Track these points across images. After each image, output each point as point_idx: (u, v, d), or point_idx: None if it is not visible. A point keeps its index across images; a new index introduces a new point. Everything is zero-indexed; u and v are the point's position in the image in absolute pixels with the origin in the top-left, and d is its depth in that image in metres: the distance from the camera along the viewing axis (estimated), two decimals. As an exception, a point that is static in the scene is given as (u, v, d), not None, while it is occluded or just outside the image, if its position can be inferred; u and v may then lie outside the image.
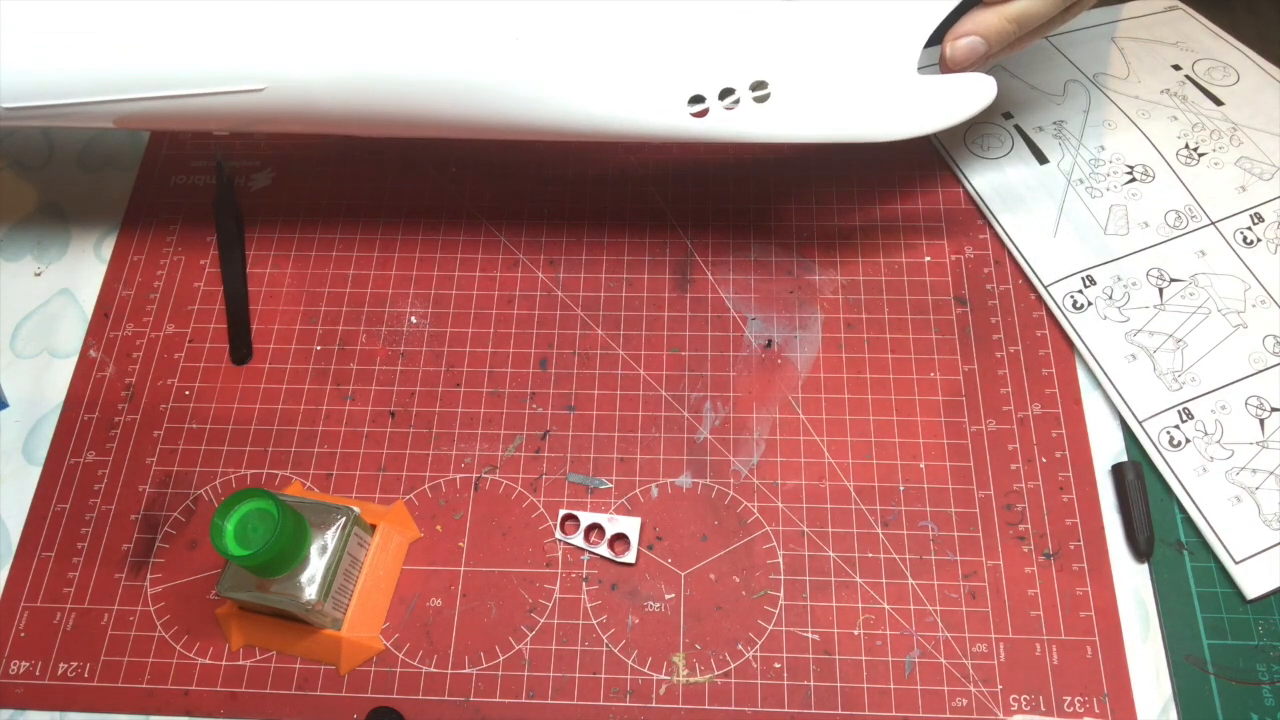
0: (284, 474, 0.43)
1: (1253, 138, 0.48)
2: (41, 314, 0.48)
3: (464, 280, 0.47)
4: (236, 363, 0.45)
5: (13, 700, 0.39)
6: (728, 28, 0.37)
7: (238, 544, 0.34)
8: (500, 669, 0.39)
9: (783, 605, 0.39)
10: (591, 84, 0.37)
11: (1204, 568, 0.39)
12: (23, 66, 0.37)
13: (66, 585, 0.41)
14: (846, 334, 0.45)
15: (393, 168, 0.51)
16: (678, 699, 0.38)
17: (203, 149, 0.52)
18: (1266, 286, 0.44)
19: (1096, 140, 0.48)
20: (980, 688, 0.37)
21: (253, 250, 0.49)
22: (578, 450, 0.43)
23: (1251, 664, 0.37)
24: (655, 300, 0.46)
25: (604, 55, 0.37)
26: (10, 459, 0.44)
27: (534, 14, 0.37)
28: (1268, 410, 0.41)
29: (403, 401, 0.44)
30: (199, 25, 0.37)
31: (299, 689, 0.39)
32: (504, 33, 0.37)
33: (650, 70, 0.37)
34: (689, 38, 0.37)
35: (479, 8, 0.37)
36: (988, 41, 0.38)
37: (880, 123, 0.38)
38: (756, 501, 0.41)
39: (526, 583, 0.40)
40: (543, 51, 0.37)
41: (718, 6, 0.37)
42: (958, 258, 0.46)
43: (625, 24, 0.37)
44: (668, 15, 0.37)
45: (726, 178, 0.50)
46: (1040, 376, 0.43)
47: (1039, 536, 0.40)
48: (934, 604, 0.39)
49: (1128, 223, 0.46)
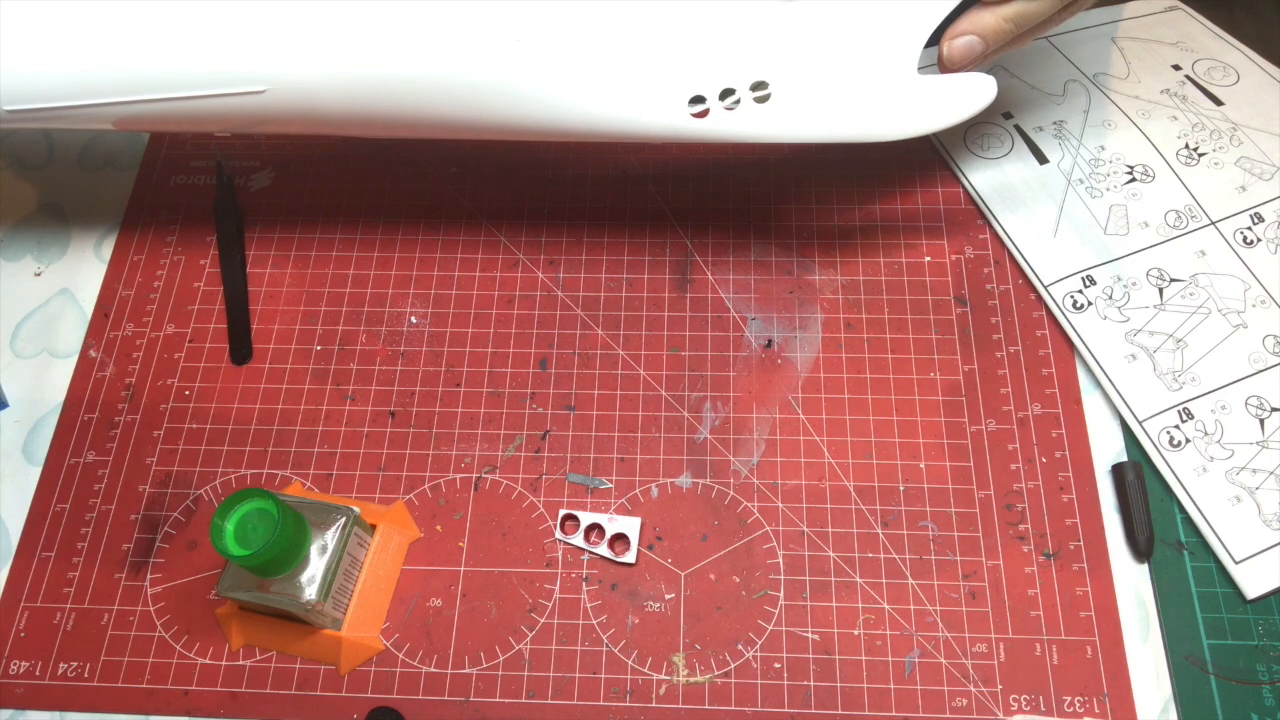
0: (284, 474, 0.43)
1: (1253, 138, 0.48)
2: (41, 314, 0.48)
3: (464, 280, 0.47)
4: (236, 363, 0.45)
5: (13, 700, 0.39)
6: (728, 28, 0.37)
7: (238, 544, 0.34)
8: (500, 669, 0.39)
9: (783, 605, 0.39)
10: (592, 84, 0.37)
11: (1204, 568, 0.39)
12: (24, 69, 0.37)
13: (66, 585, 0.41)
14: (846, 334, 0.45)
15: (393, 168, 0.51)
16: (678, 699, 0.38)
17: (203, 149, 0.52)
18: (1266, 286, 0.44)
19: (1096, 140, 0.48)
20: (980, 688, 0.37)
21: (253, 250, 0.49)
22: (578, 450, 0.43)
23: (1251, 664, 0.37)
24: (655, 300, 0.46)
25: (605, 56, 0.37)
26: (10, 459, 0.44)
27: (535, 15, 0.37)
28: (1268, 410, 0.41)
29: (403, 401, 0.44)
30: (200, 27, 0.37)
31: (299, 689, 0.39)
32: (505, 34, 0.37)
33: (651, 71, 0.37)
34: (689, 38, 0.37)
35: (480, 9, 0.37)
36: (985, 41, 0.38)
37: (881, 123, 0.38)
38: (756, 501, 0.41)
39: (526, 583, 0.40)
40: (543, 52, 0.37)
41: (718, 7, 0.37)
42: (958, 258, 0.46)
43: (626, 25, 0.37)
44: (668, 16, 0.37)
45: (726, 178, 0.50)
46: (1040, 376, 0.43)
47: (1039, 536, 0.40)
48: (934, 604, 0.39)
49: (1128, 223, 0.46)
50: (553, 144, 0.51)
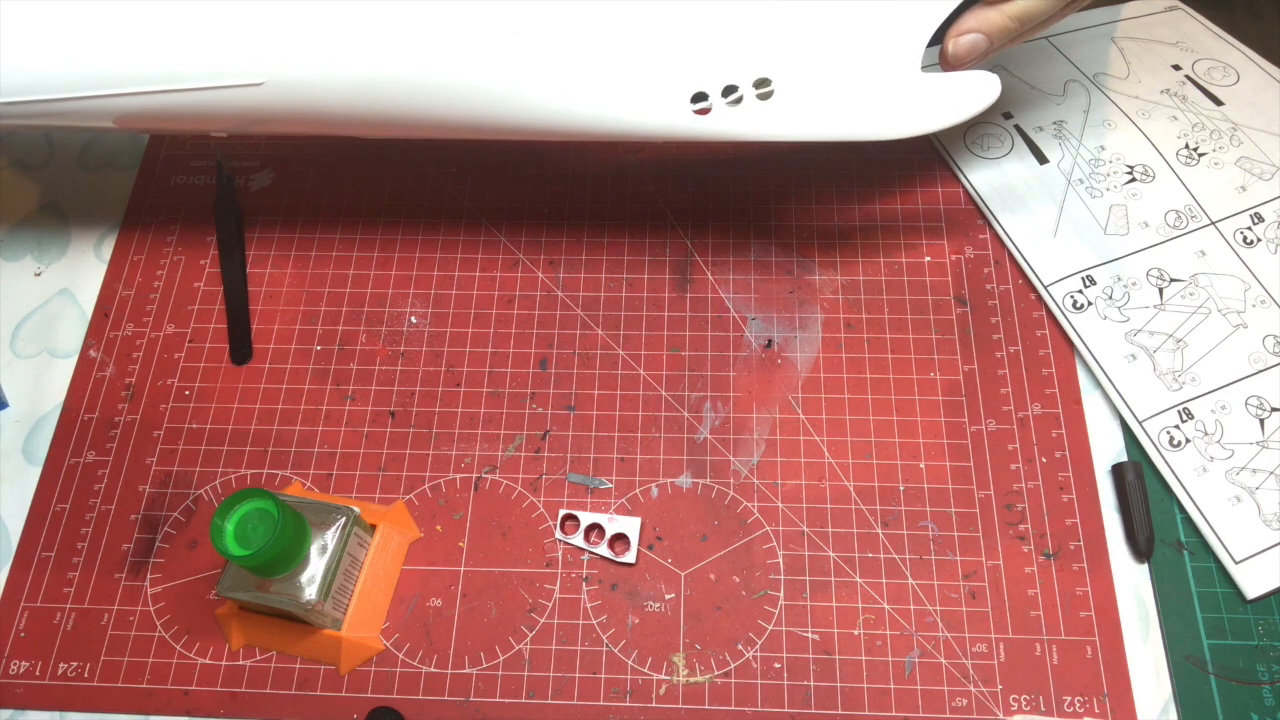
0: (284, 474, 0.43)
1: (1253, 138, 0.48)
2: (41, 314, 0.48)
3: (464, 280, 0.47)
4: (236, 363, 0.45)
5: (13, 700, 0.39)
6: (732, 25, 0.37)
7: (238, 544, 0.34)
8: (500, 669, 0.39)
9: (783, 605, 0.39)
10: (594, 79, 0.37)
11: (1204, 568, 0.39)
12: (21, 62, 0.37)
13: (66, 585, 0.41)
14: (846, 334, 0.45)
15: (393, 168, 0.51)
16: (678, 699, 0.38)
17: (203, 149, 0.52)
18: (1266, 286, 0.44)
19: (1096, 140, 0.48)
20: (980, 688, 0.37)
21: (253, 250, 0.49)
22: (578, 450, 0.43)
23: (1251, 664, 0.37)
24: (655, 300, 0.46)
25: (607, 51, 0.37)
26: (10, 459, 0.44)
27: (537, 10, 0.37)
28: (1268, 410, 0.41)
29: (403, 401, 0.44)
30: (198, 18, 0.37)
31: (299, 689, 0.39)
32: (505, 28, 0.37)
33: (654, 66, 0.37)
34: (693, 33, 0.37)
35: (480, 3, 0.37)
36: (989, 38, 0.38)
37: (884, 122, 0.38)
38: (756, 501, 0.41)
39: (526, 583, 0.40)
40: (544, 47, 0.37)
41: (722, 4, 0.37)
42: (958, 258, 0.46)
43: (630, 20, 0.37)
44: (673, 11, 0.37)
45: (726, 178, 0.50)
46: (1040, 376, 0.43)
47: (1039, 536, 0.40)
48: (934, 604, 0.39)
49: (1128, 223, 0.46)
50: (553, 143, 0.51)
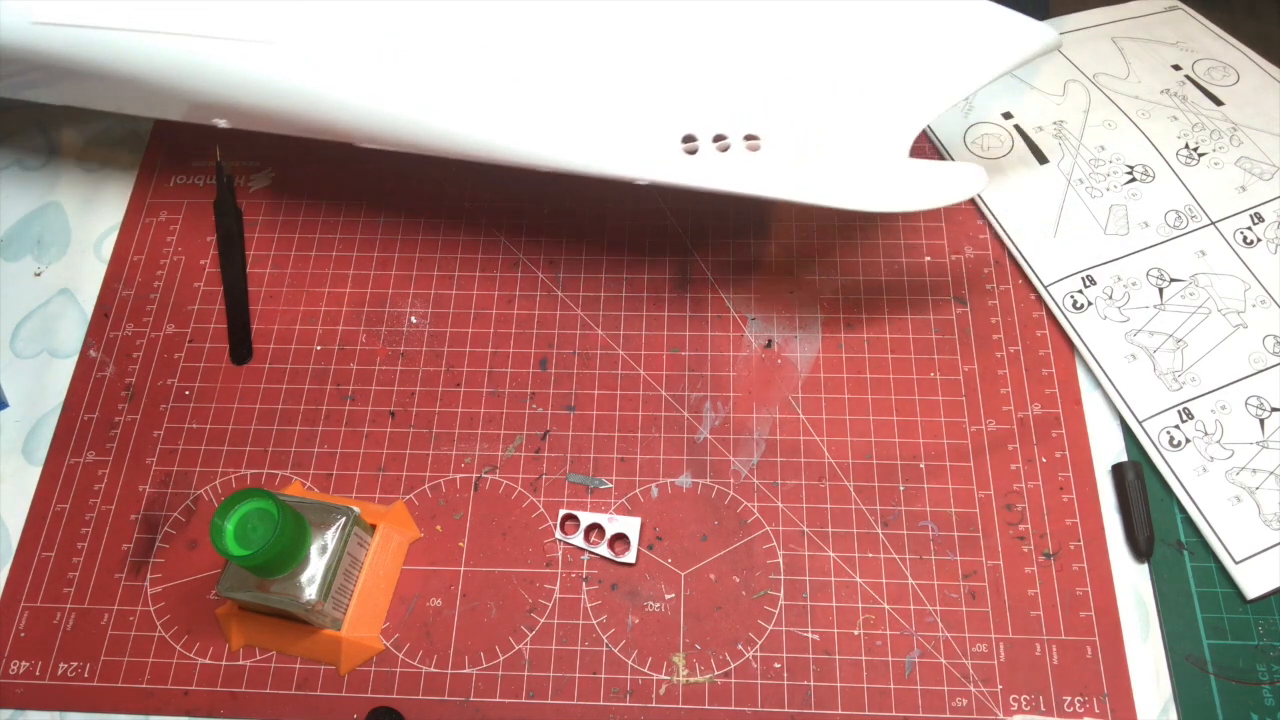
0: (284, 474, 0.43)
1: (1253, 138, 0.48)
2: (41, 314, 0.48)
3: (464, 280, 0.47)
4: (236, 363, 0.45)
5: (13, 700, 0.39)
6: (729, 78, 0.38)
7: (238, 544, 0.34)
8: (500, 669, 0.39)
9: (783, 605, 0.39)
10: (589, 118, 0.38)
11: (1204, 568, 0.39)
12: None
13: (66, 585, 0.41)
14: (846, 334, 0.45)
15: (393, 168, 0.51)
16: (678, 699, 0.38)
17: (203, 149, 0.52)
18: (1266, 286, 0.44)
19: (1096, 140, 0.48)
20: (980, 688, 0.37)
21: (253, 250, 0.49)
22: (578, 450, 0.43)
23: (1251, 664, 0.37)
24: (655, 300, 0.46)
25: (605, 91, 0.38)
26: (10, 459, 0.44)
27: (536, 58, 0.37)
28: (1268, 410, 0.41)
29: (403, 401, 0.44)
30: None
31: (299, 689, 0.39)
32: (501, 74, 0.38)
33: (646, 105, 0.38)
34: (689, 81, 0.38)
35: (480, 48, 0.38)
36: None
37: (867, 197, 0.38)
38: (756, 501, 0.41)
39: (526, 583, 0.40)
40: (540, 89, 0.37)
41: (724, 59, 0.38)
42: (958, 258, 0.46)
43: (625, 70, 0.38)
44: (667, 65, 0.38)
45: (726, 178, 0.50)
46: (1040, 376, 0.43)
47: (1039, 536, 0.40)
48: (934, 604, 0.39)
49: (1128, 223, 0.46)
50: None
